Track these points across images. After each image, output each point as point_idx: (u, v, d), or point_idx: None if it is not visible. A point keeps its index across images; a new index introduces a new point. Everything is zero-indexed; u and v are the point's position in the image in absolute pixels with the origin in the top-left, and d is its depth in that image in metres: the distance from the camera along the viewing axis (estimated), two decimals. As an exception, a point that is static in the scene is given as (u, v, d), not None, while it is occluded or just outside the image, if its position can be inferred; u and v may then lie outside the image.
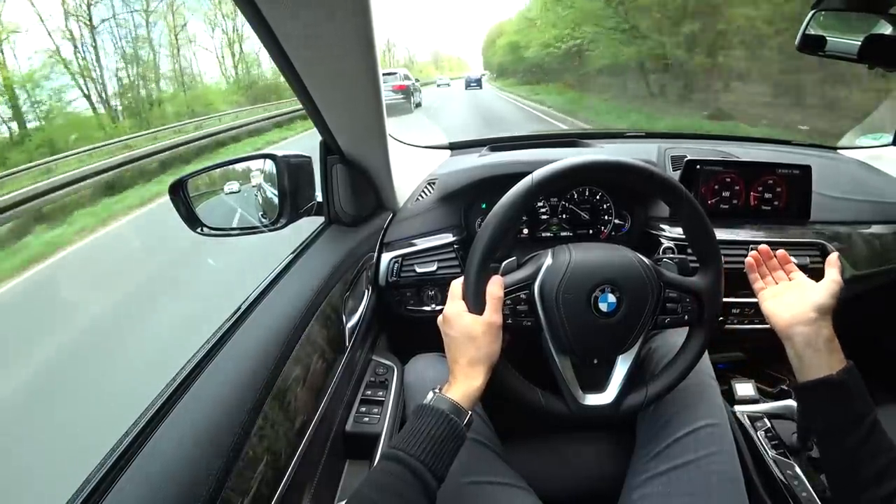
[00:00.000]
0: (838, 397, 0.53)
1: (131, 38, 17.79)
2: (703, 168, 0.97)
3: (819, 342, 0.55)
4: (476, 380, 0.56)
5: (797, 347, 0.57)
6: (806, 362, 0.56)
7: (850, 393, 0.53)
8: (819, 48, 0.93)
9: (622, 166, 0.61)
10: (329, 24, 0.55)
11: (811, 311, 0.57)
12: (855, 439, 0.51)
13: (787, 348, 0.59)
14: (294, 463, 0.54)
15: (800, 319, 0.57)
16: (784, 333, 0.59)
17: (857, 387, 0.53)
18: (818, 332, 0.56)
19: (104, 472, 0.41)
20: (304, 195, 0.82)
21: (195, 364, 0.53)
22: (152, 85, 18.06)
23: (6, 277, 4.53)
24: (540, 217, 1.04)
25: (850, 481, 0.52)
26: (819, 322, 0.56)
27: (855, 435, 0.51)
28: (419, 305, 0.95)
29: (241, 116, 14.24)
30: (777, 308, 0.61)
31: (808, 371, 0.56)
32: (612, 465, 0.74)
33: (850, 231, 0.97)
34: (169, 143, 9.59)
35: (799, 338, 0.57)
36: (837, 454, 0.54)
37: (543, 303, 0.61)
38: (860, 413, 0.52)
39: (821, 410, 0.55)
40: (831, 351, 0.55)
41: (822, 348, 0.55)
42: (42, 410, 2.44)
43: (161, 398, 0.49)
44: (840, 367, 0.54)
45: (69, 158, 8.57)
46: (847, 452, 0.52)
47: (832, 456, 0.55)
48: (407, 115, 11.56)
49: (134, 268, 4.20)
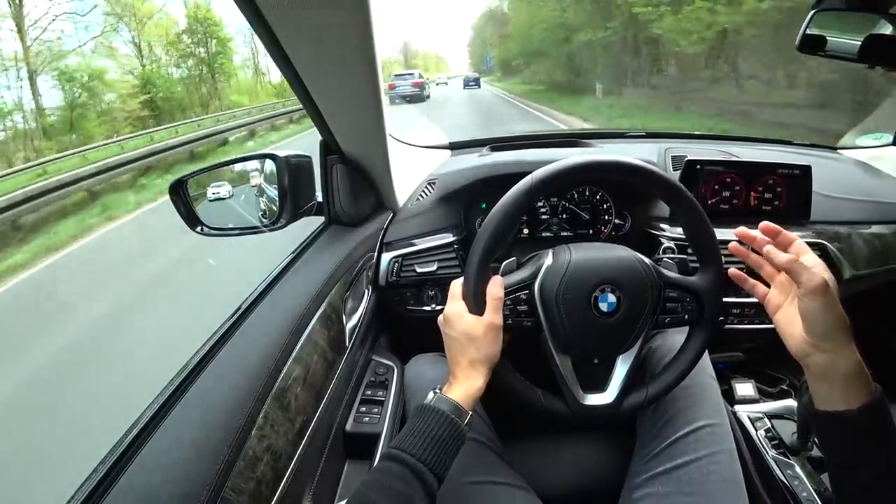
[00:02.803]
0: (853, 434, 0.47)
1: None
2: (703, 168, 0.97)
3: (835, 376, 0.47)
4: (477, 380, 0.56)
5: (811, 377, 0.50)
6: (821, 394, 0.49)
7: (867, 431, 0.46)
8: (819, 48, 0.93)
9: (620, 165, 0.61)
10: (329, 24, 0.55)
11: (828, 340, 0.47)
12: (869, 474, 0.46)
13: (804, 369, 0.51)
14: (294, 463, 0.54)
15: (815, 348, 0.48)
16: (799, 358, 0.50)
17: (879, 423, 0.46)
18: (834, 364, 0.47)
19: (104, 472, 0.41)
20: (304, 195, 0.82)
21: (195, 364, 0.53)
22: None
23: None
24: (540, 217, 1.04)
25: (853, 485, 0.49)
26: (836, 353, 0.47)
27: (870, 469, 0.46)
28: (419, 305, 0.95)
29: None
30: (787, 333, 0.51)
31: (823, 402, 0.49)
32: (612, 465, 0.74)
33: (850, 231, 0.97)
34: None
35: (814, 368, 0.49)
36: (849, 486, 0.49)
37: (544, 303, 0.61)
38: (877, 449, 0.46)
39: (833, 442, 0.49)
40: (849, 385, 0.47)
41: (837, 382, 0.47)
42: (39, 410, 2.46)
43: (161, 398, 0.49)
44: (860, 402, 0.46)
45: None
46: (860, 484, 0.47)
47: (843, 487, 0.50)
48: (420, 102, 16.84)
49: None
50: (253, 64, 25.97)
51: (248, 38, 24.31)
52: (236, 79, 24.78)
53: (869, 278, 0.97)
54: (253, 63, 25.96)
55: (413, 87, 16.42)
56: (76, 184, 7.16)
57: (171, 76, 20.91)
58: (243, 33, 23.28)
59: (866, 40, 0.87)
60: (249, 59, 25.65)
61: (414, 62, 61.14)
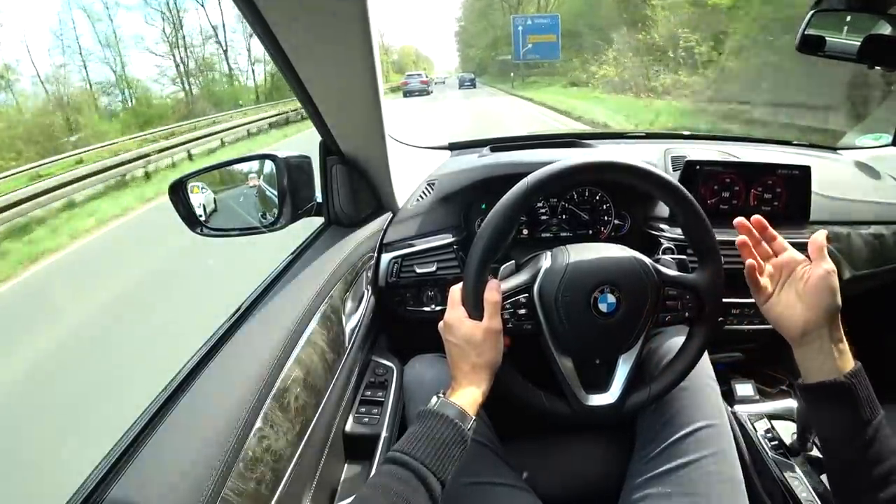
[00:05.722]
0: (844, 401, 0.51)
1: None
2: (702, 168, 0.97)
3: (829, 347, 0.53)
4: (480, 385, 0.57)
5: (806, 351, 0.54)
6: (815, 366, 0.54)
7: (857, 397, 0.51)
8: (819, 48, 0.93)
9: (615, 166, 0.61)
10: (328, 25, 0.55)
11: (823, 318, 0.53)
12: (859, 443, 0.50)
13: (793, 348, 0.56)
14: (294, 463, 0.54)
15: (813, 327, 0.54)
16: (795, 342, 0.56)
17: (864, 390, 0.51)
18: (830, 336, 0.53)
19: (104, 473, 0.41)
20: (303, 195, 0.82)
21: (195, 364, 0.53)
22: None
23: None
24: (540, 217, 1.04)
25: (852, 484, 0.52)
26: (830, 326, 0.53)
27: (859, 439, 0.50)
28: (419, 306, 0.95)
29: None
30: (783, 311, 0.56)
31: (815, 373, 0.54)
32: (611, 466, 0.74)
33: (850, 231, 0.97)
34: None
35: (809, 343, 0.54)
36: (840, 457, 0.53)
37: (543, 306, 0.61)
38: (866, 417, 0.50)
39: (825, 412, 0.54)
40: (840, 353, 0.53)
41: (831, 352, 0.53)
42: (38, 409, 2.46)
43: (161, 398, 0.49)
44: (847, 369, 0.52)
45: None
46: (850, 455, 0.51)
47: (835, 458, 0.54)
48: (424, 95, 23.54)
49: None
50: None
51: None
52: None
53: (869, 279, 0.97)
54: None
55: (420, 83, 24.34)
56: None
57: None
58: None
59: (865, 41, 0.87)
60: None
61: (389, 61, 56.40)
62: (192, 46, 24.91)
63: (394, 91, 24.75)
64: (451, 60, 70.51)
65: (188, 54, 24.86)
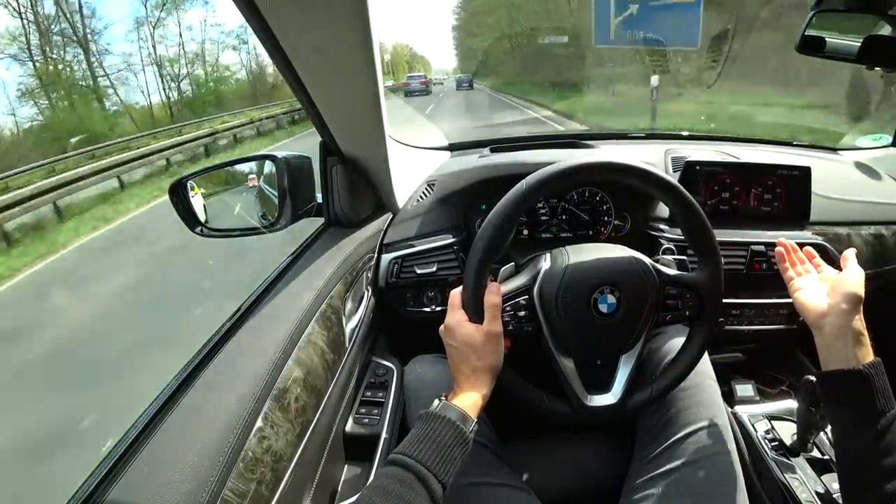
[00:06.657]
0: (861, 390, 0.53)
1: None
2: (702, 169, 0.97)
3: (849, 334, 0.55)
4: (481, 388, 0.57)
5: (827, 338, 0.56)
6: (834, 353, 0.55)
7: (874, 387, 0.52)
8: (818, 49, 0.93)
9: (613, 166, 0.60)
10: (329, 25, 0.55)
11: (844, 301, 0.56)
12: (871, 434, 0.51)
13: (816, 337, 0.58)
14: (294, 464, 0.54)
15: (833, 310, 0.56)
16: (815, 323, 0.58)
17: (882, 383, 0.53)
18: (849, 323, 0.55)
19: (104, 473, 0.41)
20: (303, 196, 0.82)
21: (195, 365, 0.53)
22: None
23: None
24: (540, 218, 1.03)
25: (861, 475, 0.53)
26: (851, 313, 0.55)
27: (872, 429, 0.51)
28: (419, 306, 0.95)
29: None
30: (809, 297, 0.60)
31: (834, 362, 0.55)
32: (611, 467, 0.74)
33: (850, 232, 0.97)
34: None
35: (830, 328, 0.56)
36: (852, 447, 0.54)
37: (543, 307, 0.61)
38: (880, 409, 0.51)
39: (842, 401, 0.55)
40: (860, 344, 0.55)
41: (851, 340, 0.55)
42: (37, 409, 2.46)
43: (160, 399, 0.49)
44: (867, 360, 0.54)
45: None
46: (861, 445, 0.52)
47: (846, 448, 0.55)
48: (426, 94, 23.70)
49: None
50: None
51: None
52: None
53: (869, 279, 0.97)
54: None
55: (421, 84, 25.51)
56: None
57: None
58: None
59: (865, 41, 0.87)
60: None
61: (382, 61, 54.88)
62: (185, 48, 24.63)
63: (392, 92, 24.40)
64: (449, 59, 67.45)
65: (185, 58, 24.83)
